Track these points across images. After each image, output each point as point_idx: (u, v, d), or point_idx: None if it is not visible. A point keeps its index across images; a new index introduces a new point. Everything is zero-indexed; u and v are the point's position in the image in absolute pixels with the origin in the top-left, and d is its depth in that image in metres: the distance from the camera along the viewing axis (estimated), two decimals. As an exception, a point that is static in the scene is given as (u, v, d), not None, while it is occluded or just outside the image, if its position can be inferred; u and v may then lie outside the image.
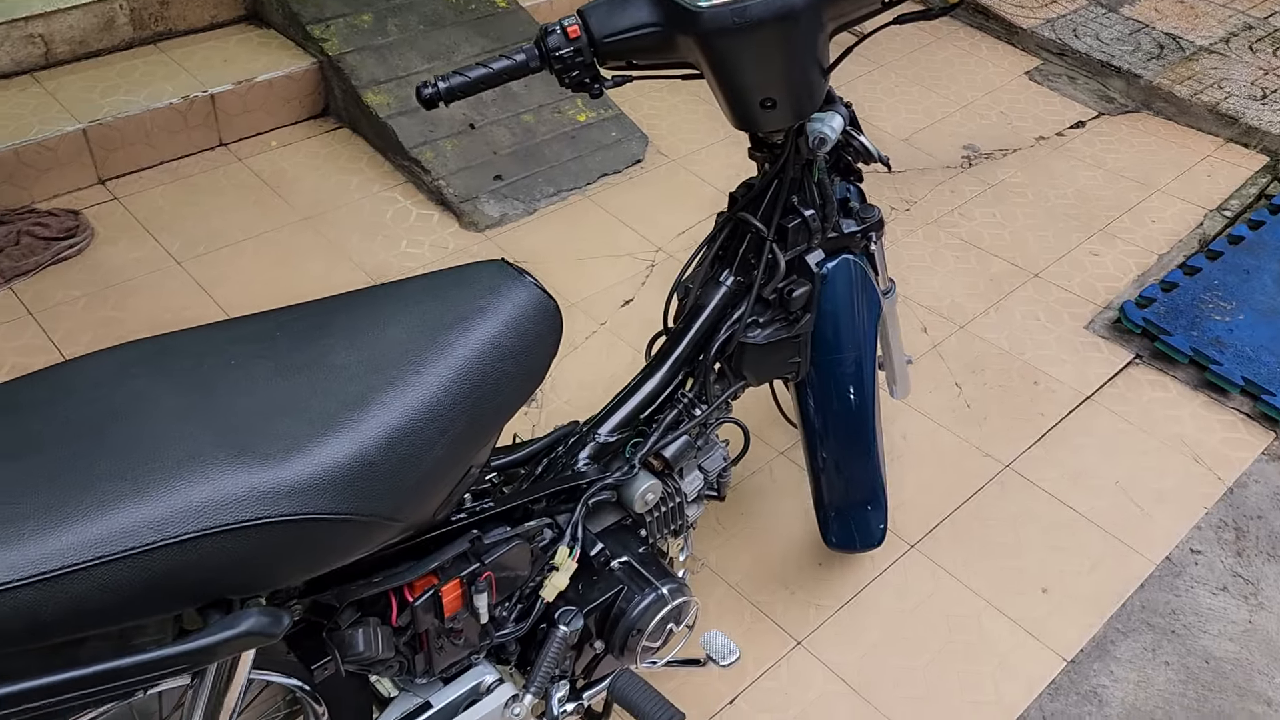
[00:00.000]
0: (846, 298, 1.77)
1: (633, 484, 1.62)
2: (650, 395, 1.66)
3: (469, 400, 1.20)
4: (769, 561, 2.21)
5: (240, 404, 1.09)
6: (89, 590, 0.94)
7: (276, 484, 1.04)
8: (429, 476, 1.17)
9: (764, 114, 1.46)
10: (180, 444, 1.03)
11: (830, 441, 1.87)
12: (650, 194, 3.25)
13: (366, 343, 1.19)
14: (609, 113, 3.46)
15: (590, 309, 2.82)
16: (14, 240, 2.70)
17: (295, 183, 3.12)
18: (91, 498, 0.97)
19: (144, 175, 3.06)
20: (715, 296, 1.67)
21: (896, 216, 3.28)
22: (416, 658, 1.41)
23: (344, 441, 1.09)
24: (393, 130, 3.15)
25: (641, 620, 1.58)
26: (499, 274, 1.31)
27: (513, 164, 3.20)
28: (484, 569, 1.40)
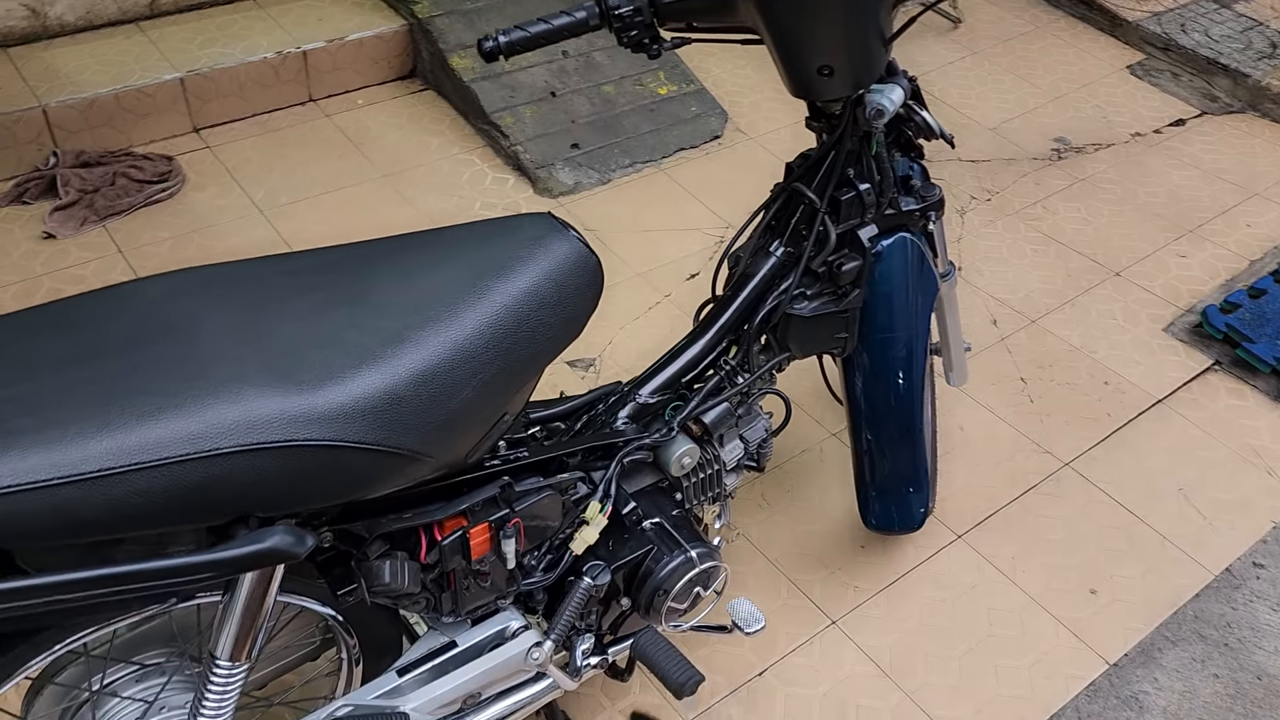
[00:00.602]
0: (901, 276, 1.75)
1: (670, 446, 1.63)
2: (693, 360, 1.66)
3: (503, 345, 1.23)
4: (810, 540, 2.21)
5: (282, 332, 1.14)
6: (125, 494, 1.00)
7: (308, 410, 1.08)
8: (458, 416, 1.20)
9: (821, 81, 1.45)
10: (221, 365, 1.08)
11: (875, 421, 1.86)
12: (725, 171, 3.24)
13: (408, 283, 1.23)
14: (690, 87, 3.45)
15: (655, 280, 2.83)
16: (110, 181, 2.83)
17: (378, 140, 3.20)
18: (133, 408, 1.02)
19: (235, 126, 3.17)
20: (764, 266, 1.67)
21: (976, 206, 3.22)
22: (444, 596, 1.45)
23: (376, 375, 1.13)
24: (475, 94, 3.20)
25: (668, 581, 1.60)
26: (544, 226, 1.33)
27: (590, 133, 3.23)
28: (513, 515, 1.43)
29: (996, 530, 2.25)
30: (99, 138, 2.94)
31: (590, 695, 1.90)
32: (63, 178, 2.80)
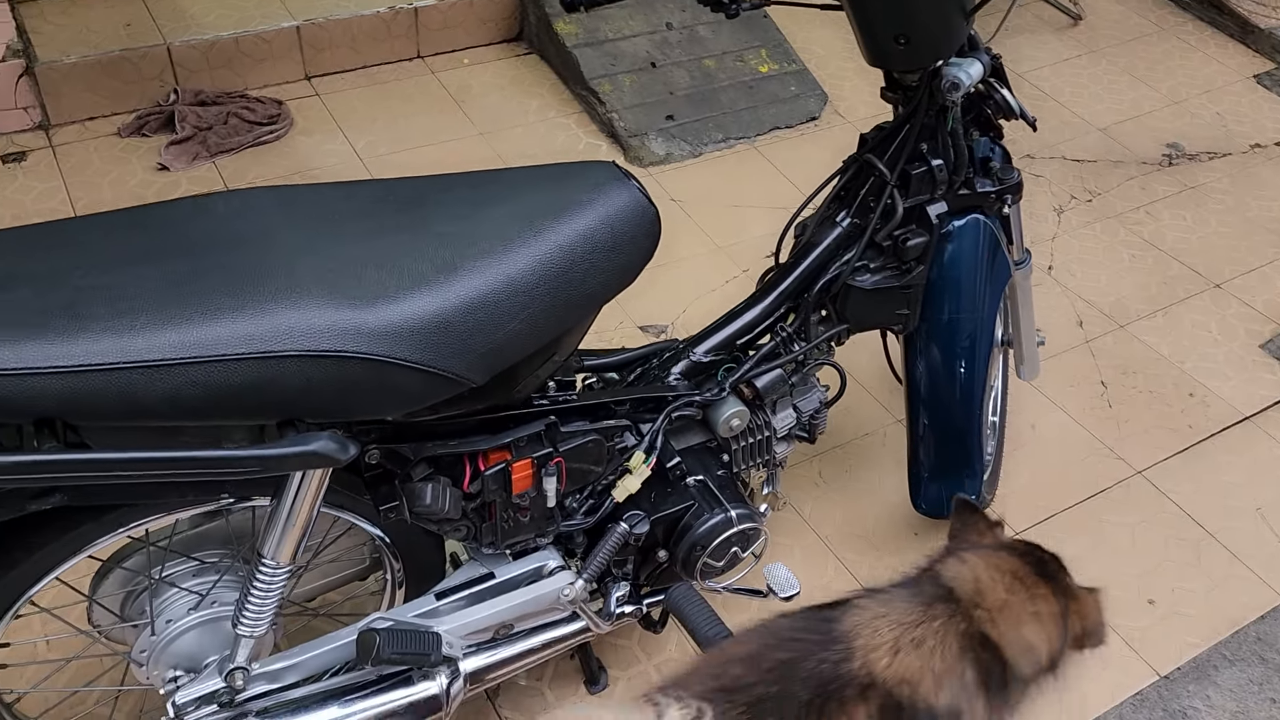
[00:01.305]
0: (970, 259, 1.73)
1: (720, 406, 1.65)
2: (751, 323, 1.68)
3: (553, 284, 1.27)
4: (862, 521, 2.20)
5: (342, 251, 1.19)
6: (183, 384, 1.07)
7: (359, 324, 1.13)
8: (504, 347, 1.24)
9: (897, 50, 1.45)
10: (283, 275, 1.14)
11: (933, 404, 1.84)
12: (819, 153, 3.22)
13: (467, 216, 1.27)
14: (792, 67, 3.44)
15: (735, 255, 2.84)
16: (223, 120, 2.96)
17: (479, 100, 3.27)
18: (196, 306, 1.09)
19: (345, 76, 3.28)
20: (829, 236, 1.67)
21: (1076, 206, 3.14)
22: (484, 527, 1.50)
23: (427, 298, 1.18)
24: (577, 59, 3.24)
25: (706, 537, 1.62)
26: (606, 173, 1.36)
27: (686, 106, 3.24)
28: (556, 455, 1.47)
29: (1057, 531, 2.21)
30: (217, 78, 3.08)
31: (627, 648, 1.94)
32: (180, 114, 2.94)
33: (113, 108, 3.00)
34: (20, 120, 2.91)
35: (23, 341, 1.01)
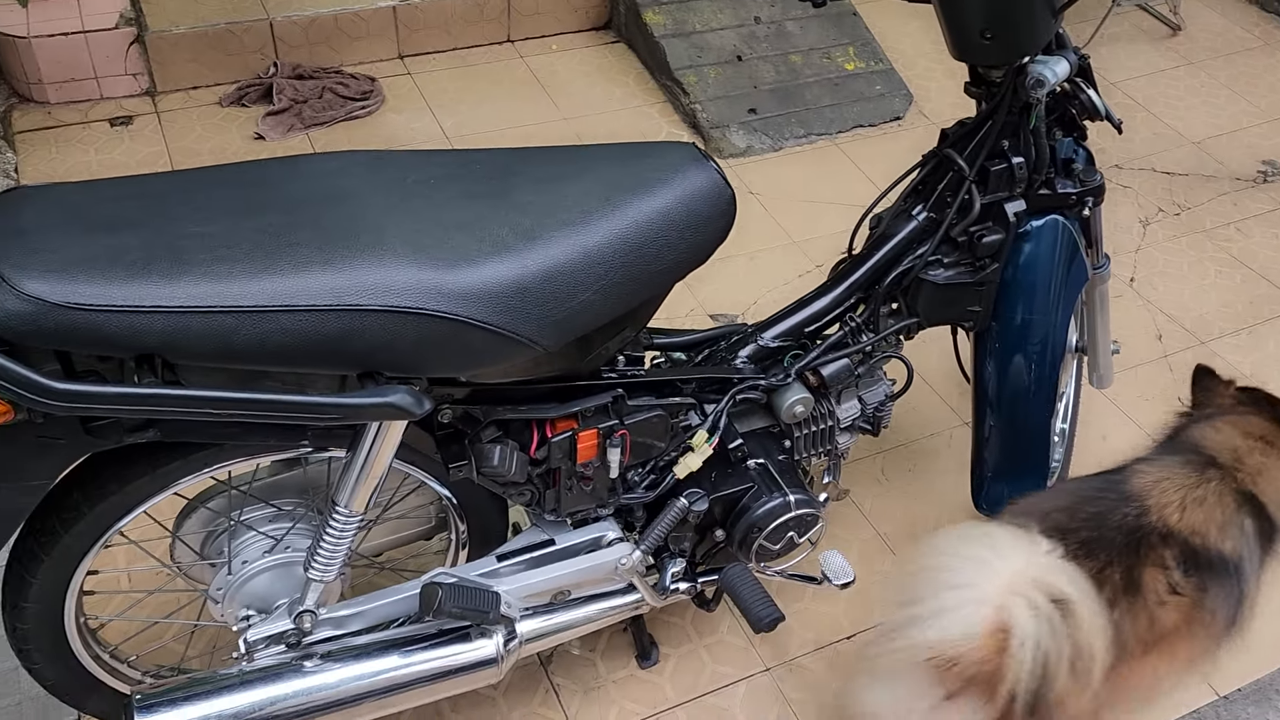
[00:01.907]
0: (1047, 259, 1.72)
1: (784, 392, 1.67)
2: (820, 311, 1.69)
3: (628, 257, 1.30)
4: (923, 521, 2.19)
5: (428, 214, 1.24)
6: (271, 331, 1.12)
7: (440, 284, 1.18)
8: (577, 316, 1.28)
9: (982, 45, 1.45)
10: (370, 234, 1.19)
11: (1000, 403, 1.83)
12: (901, 153, 3.19)
13: (548, 188, 1.31)
14: (878, 66, 3.43)
15: (810, 249, 2.85)
16: (319, 94, 3.06)
17: (565, 86, 3.32)
18: (289, 258, 1.14)
19: (436, 57, 3.36)
20: (904, 229, 1.68)
21: (1163, 219, 3.08)
22: (548, 493, 1.54)
23: (506, 264, 1.22)
24: (663, 50, 3.28)
25: (764, 520, 1.64)
26: (685, 154, 1.39)
27: (770, 100, 3.26)
28: (621, 427, 1.50)
29: (1121, 543, 2.18)
30: (314, 54, 3.18)
31: (680, 626, 1.97)
32: (278, 86, 3.05)
33: (215, 78, 3.12)
34: (129, 86, 3.04)
35: (129, 281, 1.08)
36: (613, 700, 1.85)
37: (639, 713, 1.84)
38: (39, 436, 1.18)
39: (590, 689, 1.86)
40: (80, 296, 1.06)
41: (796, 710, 1.86)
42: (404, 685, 1.48)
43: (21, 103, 2.99)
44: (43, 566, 1.34)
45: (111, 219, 1.15)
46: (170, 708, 1.35)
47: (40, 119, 2.96)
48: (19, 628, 1.40)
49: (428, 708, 1.80)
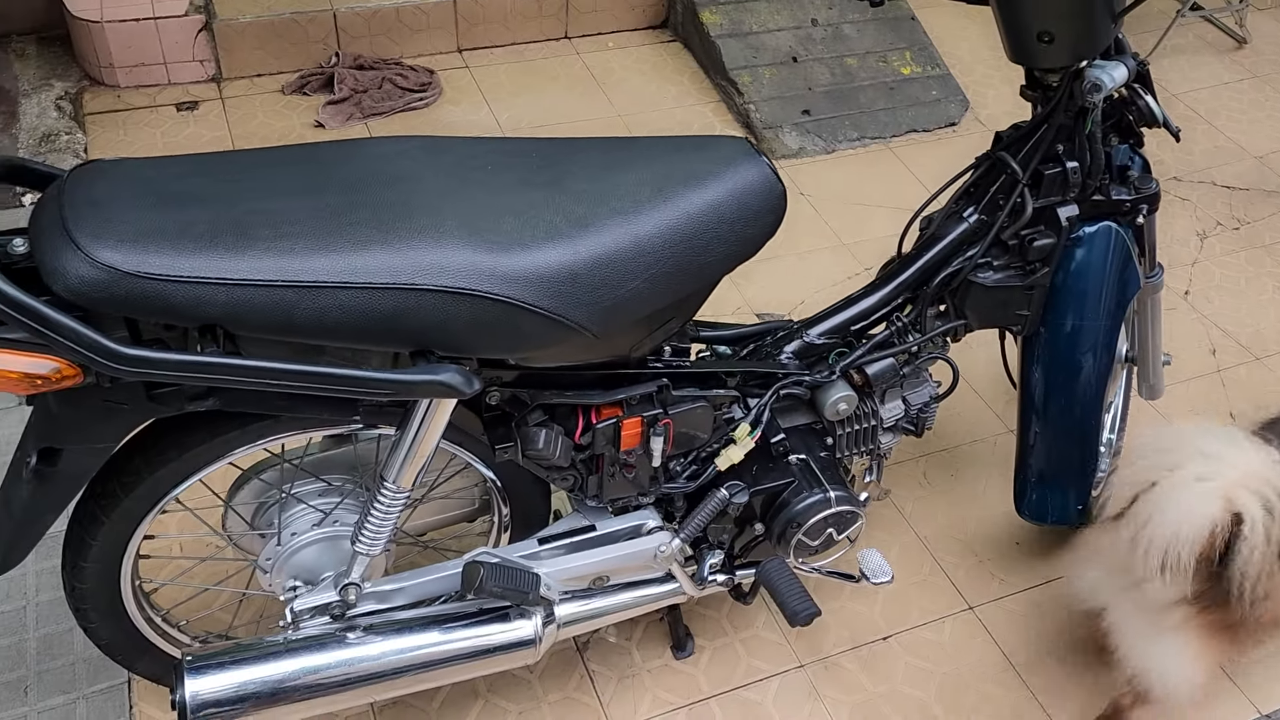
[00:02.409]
0: (1099, 266, 1.71)
1: (828, 389, 1.67)
2: (867, 310, 1.70)
3: (678, 248, 1.32)
4: (964, 526, 2.19)
5: (483, 199, 1.27)
6: (330, 306, 1.16)
7: (493, 267, 1.21)
8: (626, 304, 1.30)
9: (1040, 48, 1.45)
10: (427, 215, 1.22)
11: (1046, 409, 1.82)
12: (955, 158, 3.16)
13: (601, 178, 1.33)
14: (935, 71, 3.41)
15: (859, 252, 2.84)
16: (378, 85, 3.11)
17: (621, 83, 3.35)
18: (348, 237, 1.18)
19: (494, 52, 3.40)
20: (954, 230, 1.68)
21: (1221, 233, 3.03)
22: (590, 479, 1.57)
23: (559, 250, 1.25)
24: (719, 49, 3.29)
25: (803, 515, 1.65)
26: (737, 148, 1.41)
27: (824, 102, 3.26)
28: (665, 416, 1.52)
29: (1165, 557, 2.15)
30: (375, 45, 3.24)
31: (715, 620, 1.98)
32: (339, 76, 3.11)
33: (279, 66, 3.19)
34: (196, 72, 3.12)
35: (196, 253, 1.12)
36: (646, 689, 1.87)
37: (672, 702, 1.86)
38: (105, 401, 1.23)
39: (625, 676, 1.88)
40: (150, 266, 1.10)
41: (830, 708, 1.87)
42: (443, 661, 1.51)
43: (92, 85, 3.08)
44: (103, 529, 1.39)
45: (179, 194, 1.19)
46: (219, 670, 1.39)
47: (110, 101, 3.04)
48: (78, 587, 1.45)
49: (465, 687, 1.84)
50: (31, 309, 1.06)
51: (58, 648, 1.84)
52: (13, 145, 2.83)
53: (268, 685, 1.41)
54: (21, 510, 1.31)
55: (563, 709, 1.83)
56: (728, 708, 1.86)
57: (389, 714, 1.80)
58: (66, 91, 3.03)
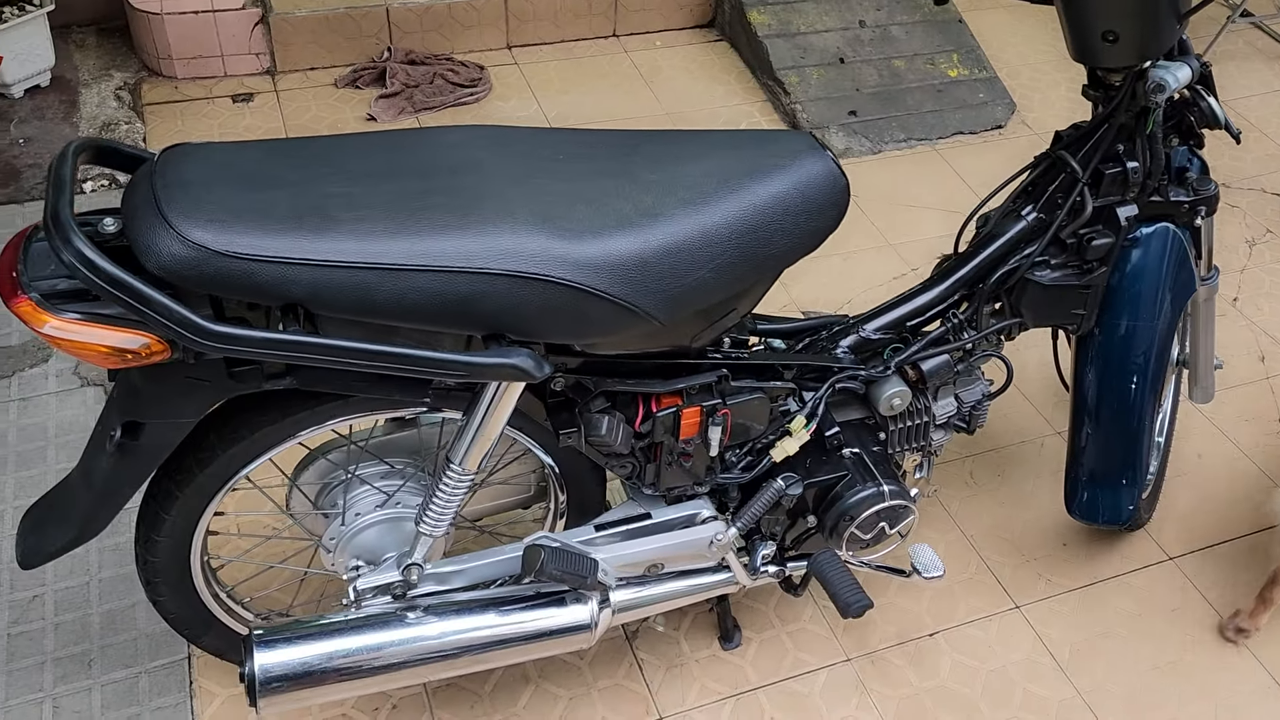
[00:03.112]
0: (1156, 267, 1.72)
1: (883, 384, 1.69)
2: (923, 306, 1.71)
3: (743, 240, 1.34)
4: (1011, 526, 2.19)
5: (554, 187, 1.30)
6: (408, 289, 1.19)
7: (566, 254, 1.24)
8: (692, 293, 1.33)
9: (1104, 47, 1.46)
10: (500, 202, 1.25)
11: (1099, 409, 1.82)
12: (1001, 161, 3.19)
13: (669, 169, 1.36)
14: (982, 73, 3.41)
15: (905, 254, 2.85)
16: (430, 79, 3.16)
17: (668, 82, 3.37)
18: (427, 221, 1.21)
19: (543, 48, 3.44)
20: (1012, 229, 1.69)
21: (1270, 240, 3.01)
22: (648, 467, 1.59)
23: (629, 238, 1.27)
24: (767, 49, 3.31)
25: (856, 508, 1.67)
26: (802, 143, 1.43)
27: (871, 103, 3.27)
28: (724, 406, 1.54)
29: (1215, 562, 2.15)
30: (427, 40, 3.28)
31: (763, 612, 2.00)
32: (391, 70, 3.15)
33: (332, 60, 3.24)
34: (251, 65, 3.17)
35: (281, 234, 1.15)
36: (695, 678, 1.89)
37: (720, 692, 1.88)
38: (187, 377, 1.27)
39: (673, 665, 1.90)
40: (239, 246, 1.13)
41: (876, 702, 1.88)
42: (502, 642, 1.54)
43: (150, 76, 3.14)
44: (177, 503, 1.43)
45: (262, 176, 1.22)
46: (287, 645, 1.43)
47: (168, 92, 3.10)
48: (150, 561, 1.49)
49: (516, 672, 1.86)
50: (130, 286, 1.09)
51: (120, 623, 1.88)
52: (74, 134, 2.89)
53: (334, 661, 1.44)
54: (103, 482, 1.35)
55: (612, 696, 1.86)
56: (775, 699, 1.87)
57: (443, 696, 1.83)
58: (125, 82, 3.09)
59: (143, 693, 1.79)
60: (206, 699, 1.79)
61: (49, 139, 2.86)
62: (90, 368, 2.31)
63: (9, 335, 2.37)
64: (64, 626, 1.87)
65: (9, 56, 2.87)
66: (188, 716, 1.77)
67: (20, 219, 2.65)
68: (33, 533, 1.41)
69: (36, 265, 1.17)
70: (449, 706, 1.82)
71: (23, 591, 1.92)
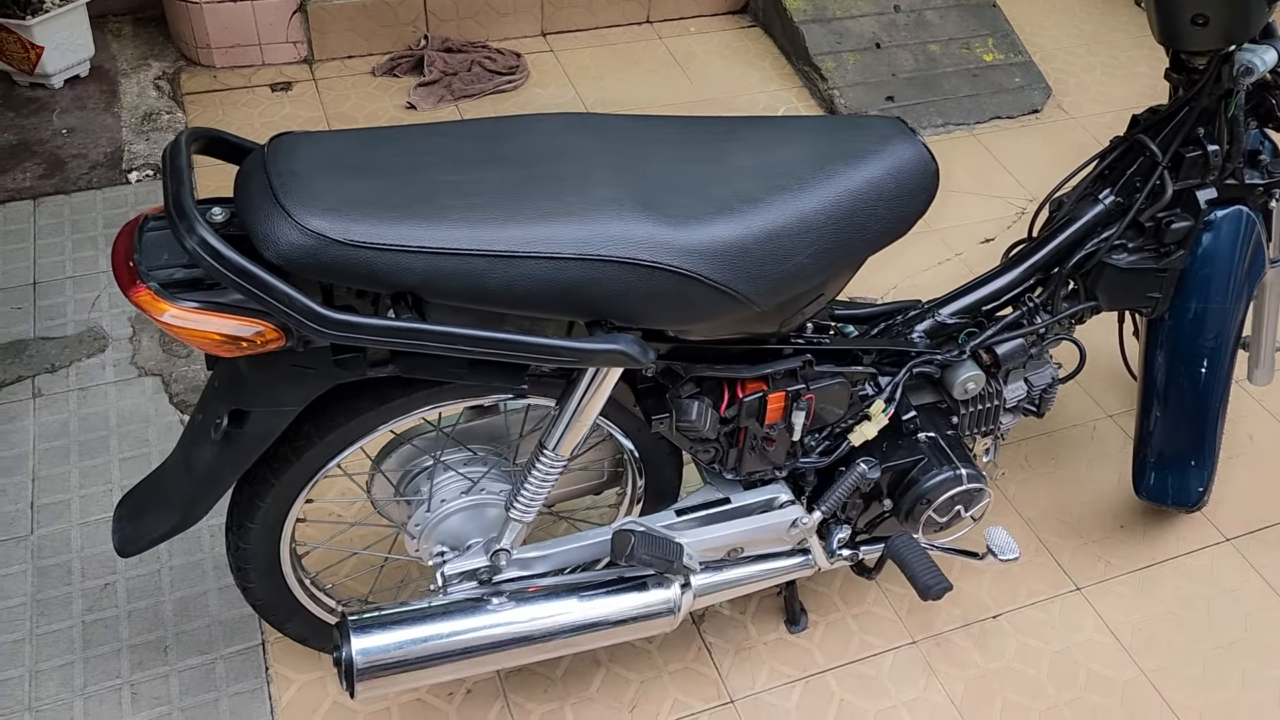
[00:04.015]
0: (1229, 250, 1.72)
1: (958, 369, 1.70)
2: (998, 291, 1.72)
3: (839, 225, 1.35)
4: (1068, 509, 2.20)
5: (653, 174, 1.30)
6: (520, 275, 1.19)
7: (672, 240, 1.24)
8: (790, 278, 1.33)
9: (1192, 30, 1.46)
10: (603, 188, 1.26)
11: (1169, 391, 1.83)
12: (1039, 145, 3.20)
13: (764, 155, 1.36)
14: (1018, 58, 3.41)
15: (949, 238, 2.86)
16: (467, 67, 3.15)
17: (703, 68, 3.37)
18: (535, 207, 1.21)
19: (578, 35, 3.43)
20: (1089, 213, 1.69)
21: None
22: (730, 452, 1.60)
23: (731, 225, 1.28)
24: (803, 35, 3.30)
25: (934, 491, 1.68)
26: (893, 128, 1.44)
27: (908, 89, 3.27)
28: (808, 391, 1.55)
29: (1273, 543, 2.16)
30: (464, 29, 3.28)
31: (827, 596, 2.01)
32: (429, 59, 3.15)
33: (369, 48, 3.23)
34: (289, 54, 3.17)
35: (395, 222, 1.16)
36: (763, 661, 1.91)
37: (789, 675, 1.89)
38: (293, 365, 1.27)
39: (741, 649, 1.92)
40: (355, 234, 1.14)
41: (944, 683, 1.89)
42: (589, 626, 1.55)
43: (189, 65, 3.13)
44: (272, 491, 1.44)
45: (370, 165, 1.23)
46: (381, 630, 1.44)
47: (207, 82, 3.10)
48: (242, 547, 1.50)
49: (587, 657, 1.88)
50: (253, 274, 1.10)
51: (193, 610, 1.89)
52: (116, 124, 2.89)
53: (428, 645, 1.45)
54: (205, 469, 1.35)
55: (683, 679, 1.87)
56: (844, 681, 1.89)
57: (516, 680, 1.84)
58: (164, 71, 3.09)
59: (219, 678, 1.81)
60: (283, 684, 1.80)
61: (91, 129, 2.86)
62: (148, 358, 2.32)
63: (64, 326, 2.38)
64: (137, 614, 1.88)
65: (50, 47, 2.86)
66: (265, 702, 1.78)
67: (68, 208, 2.66)
68: (130, 520, 1.42)
69: (151, 254, 1.18)
70: (522, 691, 1.83)
71: (94, 580, 1.93)
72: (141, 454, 2.14)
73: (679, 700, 1.84)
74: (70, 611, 1.88)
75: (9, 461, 2.11)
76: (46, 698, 1.76)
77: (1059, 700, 1.88)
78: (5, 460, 2.11)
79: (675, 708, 1.83)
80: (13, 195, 2.67)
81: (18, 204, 2.65)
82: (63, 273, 2.50)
